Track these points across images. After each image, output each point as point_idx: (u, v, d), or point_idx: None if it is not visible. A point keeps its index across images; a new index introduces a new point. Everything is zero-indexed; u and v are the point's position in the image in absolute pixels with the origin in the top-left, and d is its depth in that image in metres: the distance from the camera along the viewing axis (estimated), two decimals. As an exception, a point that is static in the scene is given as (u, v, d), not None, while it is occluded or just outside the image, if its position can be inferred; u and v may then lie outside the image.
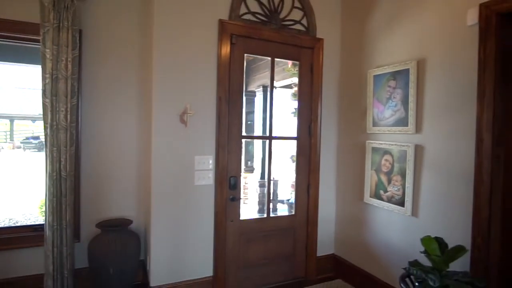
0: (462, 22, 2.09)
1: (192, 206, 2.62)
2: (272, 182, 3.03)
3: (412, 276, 1.89)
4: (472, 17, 2.02)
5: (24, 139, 18.02)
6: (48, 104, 2.53)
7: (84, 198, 2.78)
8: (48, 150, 2.55)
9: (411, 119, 2.40)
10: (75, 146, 2.66)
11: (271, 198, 3.28)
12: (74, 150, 2.64)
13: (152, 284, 2.53)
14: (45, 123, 2.56)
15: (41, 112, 2.54)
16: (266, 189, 3.09)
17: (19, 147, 17.66)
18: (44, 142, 2.57)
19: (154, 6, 2.48)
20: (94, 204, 2.81)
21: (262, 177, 4.63)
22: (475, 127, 1.98)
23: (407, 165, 2.43)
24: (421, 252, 1.88)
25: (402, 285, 1.85)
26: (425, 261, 1.91)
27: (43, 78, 2.54)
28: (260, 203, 4.46)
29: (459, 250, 1.75)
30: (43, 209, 4.49)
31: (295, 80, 3.19)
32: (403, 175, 2.46)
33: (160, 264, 2.55)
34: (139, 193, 2.94)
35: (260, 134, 3.31)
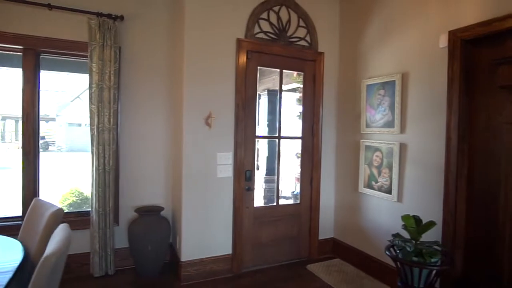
0: (436, 44, 2.60)
1: (215, 195, 3.13)
2: (279, 177, 3.53)
3: (395, 246, 2.40)
4: (443, 41, 2.54)
5: (29, 139, 18.42)
6: (94, 110, 3.04)
7: (122, 189, 3.28)
8: (94, 148, 3.06)
9: (397, 122, 2.92)
10: (116, 145, 3.17)
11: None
12: (115, 148, 3.15)
13: (182, 259, 3.04)
14: (91, 125, 3.07)
15: (47, 113, 3.05)
16: (275, 184, 3.58)
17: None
18: (90, 141, 3.07)
19: (185, 29, 2.98)
20: (130, 193, 3.31)
21: (268, 173, 5.12)
22: (445, 128, 2.50)
23: (393, 160, 2.95)
24: (402, 227, 2.40)
25: (387, 252, 2.36)
26: (405, 235, 2.43)
27: (90, 88, 3.05)
28: (266, 197, 4.96)
29: (430, 224, 2.27)
30: (65, 203, 4.97)
31: (298, 84, 3.71)
32: (390, 168, 2.98)
33: (189, 243, 3.05)
34: (167, 184, 3.45)
35: (266, 134, 3.78)
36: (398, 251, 2.35)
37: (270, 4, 3.31)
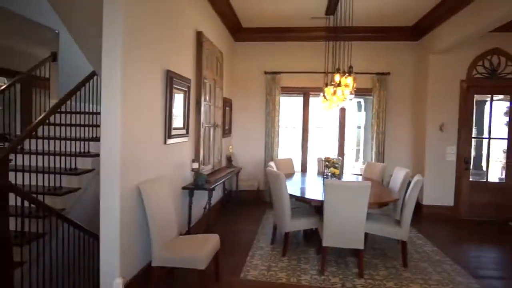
0: None
1: (443, 170, 5.51)
2: (489, 163, 5.49)
3: None
4: None
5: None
6: (374, 122, 6.00)
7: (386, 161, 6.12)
8: (374, 141, 6.02)
9: None
10: (383, 141, 6.03)
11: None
12: (383, 142, 6.02)
13: (424, 203, 5.57)
14: (372, 131, 6.05)
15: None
16: (484, 168, 5.57)
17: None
18: (371, 139, 6.06)
19: (428, 77, 5.49)
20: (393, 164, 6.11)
21: (479, 161, 6.90)
22: None
23: None
24: None
25: None
26: None
27: (372, 111, 6.02)
28: (477, 176, 6.78)
29: None
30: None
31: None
32: None
33: (430, 194, 5.55)
34: (411, 161, 6.05)
35: (475, 135, 5.76)
36: None
37: (484, 56, 5.36)
